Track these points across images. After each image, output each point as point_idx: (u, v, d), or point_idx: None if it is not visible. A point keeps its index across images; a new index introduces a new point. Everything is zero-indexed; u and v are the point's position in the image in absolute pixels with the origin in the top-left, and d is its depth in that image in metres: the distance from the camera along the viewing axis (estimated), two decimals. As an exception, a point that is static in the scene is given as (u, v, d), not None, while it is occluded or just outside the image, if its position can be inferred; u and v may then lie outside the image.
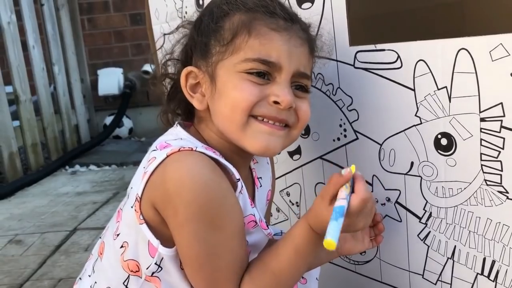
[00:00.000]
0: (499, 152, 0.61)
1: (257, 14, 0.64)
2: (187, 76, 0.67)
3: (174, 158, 0.60)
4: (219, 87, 0.64)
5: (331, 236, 0.54)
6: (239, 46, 0.63)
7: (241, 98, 0.62)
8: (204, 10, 0.71)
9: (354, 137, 0.79)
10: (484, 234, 0.65)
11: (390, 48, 0.69)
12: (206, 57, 0.66)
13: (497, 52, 0.58)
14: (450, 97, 0.64)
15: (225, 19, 0.65)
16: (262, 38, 0.63)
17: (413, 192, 0.73)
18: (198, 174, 0.58)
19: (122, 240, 0.66)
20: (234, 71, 0.63)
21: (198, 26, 0.68)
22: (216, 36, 0.65)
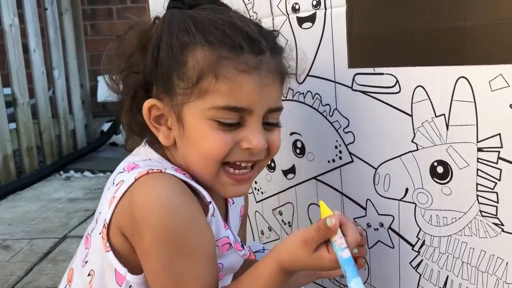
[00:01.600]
0: (495, 183, 0.60)
1: (223, 51, 0.57)
2: (150, 109, 0.62)
3: (142, 181, 0.57)
4: (188, 132, 0.60)
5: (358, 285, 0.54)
6: (206, 90, 0.58)
7: (213, 150, 0.59)
8: (160, 30, 0.61)
9: (349, 160, 0.78)
10: (477, 266, 0.64)
11: (389, 72, 0.69)
12: (169, 93, 0.61)
13: (496, 83, 0.57)
14: (448, 125, 0.63)
15: (186, 53, 0.59)
16: (230, 82, 0.57)
17: (406, 218, 0.71)
18: (166, 198, 0.56)
19: (89, 268, 0.63)
20: (202, 117, 0.59)
21: (156, 52, 0.60)
22: (178, 73, 0.59)
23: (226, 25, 0.59)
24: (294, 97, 0.85)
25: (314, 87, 0.81)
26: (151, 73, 0.62)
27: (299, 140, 0.87)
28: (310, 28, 0.78)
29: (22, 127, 2.64)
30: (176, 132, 0.62)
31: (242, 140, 0.60)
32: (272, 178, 0.96)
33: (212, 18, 0.60)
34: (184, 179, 0.60)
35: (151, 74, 0.62)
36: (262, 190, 0.99)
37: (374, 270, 0.79)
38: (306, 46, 0.80)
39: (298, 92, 0.84)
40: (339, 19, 0.73)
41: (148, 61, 0.61)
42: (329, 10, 0.75)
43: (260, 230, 1.02)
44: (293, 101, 0.86)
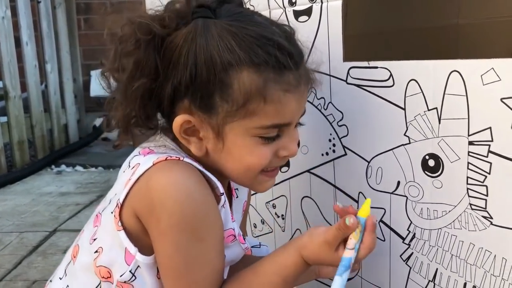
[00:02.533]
0: (485, 176, 0.61)
1: (269, 73, 0.58)
2: (182, 123, 0.61)
3: (160, 166, 0.59)
4: (229, 147, 0.62)
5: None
6: (253, 111, 0.59)
7: (258, 163, 0.63)
8: (197, 44, 0.58)
9: (343, 153, 0.79)
10: (466, 259, 0.65)
11: (383, 66, 0.69)
12: (208, 112, 0.59)
13: (488, 77, 0.58)
14: (440, 118, 0.64)
15: (231, 74, 0.57)
16: (277, 103, 0.59)
17: (398, 212, 0.72)
18: (184, 184, 0.58)
19: (98, 245, 0.64)
20: (246, 134, 0.61)
21: (193, 69, 0.57)
22: (222, 94, 0.58)
23: (267, 43, 0.59)
24: (289, 90, 0.86)
25: (308, 80, 0.81)
26: (184, 89, 0.59)
27: (292, 134, 0.87)
28: (306, 21, 0.79)
29: (14, 120, 2.62)
30: (212, 146, 0.62)
31: (281, 149, 0.64)
32: (265, 172, 0.96)
33: (251, 34, 0.58)
34: (200, 169, 0.61)
35: (184, 90, 0.59)
36: (255, 183, 1.00)
37: (365, 263, 0.80)
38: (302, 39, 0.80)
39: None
40: (335, 13, 0.74)
41: (179, 76, 0.58)
42: (325, 4, 0.75)
43: (253, 223, 1.02)
44: (287, 95, 0.86)
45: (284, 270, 0.63)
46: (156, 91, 0.61)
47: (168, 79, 0.60)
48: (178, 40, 0.59)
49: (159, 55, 0.59)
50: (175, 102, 0.62)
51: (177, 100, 0.61)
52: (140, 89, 0.60)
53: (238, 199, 0.78)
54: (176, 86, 0.59)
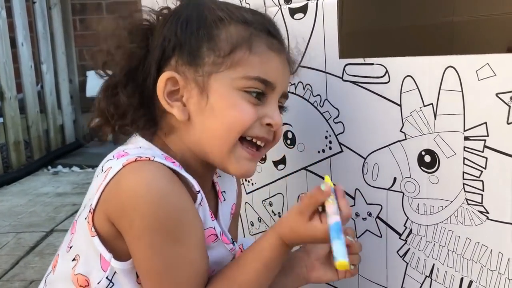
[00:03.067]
0: (481, 171, 0.61)
1: (255, 31, 0.62)
2: (167, 82, 0.61)
3: (129, 168, 0.57)
4: (212, 101, 0.61)
5: (341, 257, 0.54)
6: (238, 61, 0.60)
7: (240, 119, 0.61)
8: (189, 8, 0.64)
9: (339, 150, 0.79)
10: (462, 254, 0.65)
11: (378, 62, 0.70)
12: (195, 64, 0.61)
13: (483, 72, 0.58)
14: (436, 114, 0.64)
15: (220, 27, 0.61)
16: (261, 56, 0.61)
17: (394, 208, 0.72)
18: (155, 185, 0.56)
19: (74, 253, 0.63)
20: (231, 87, 0.61)
21: (184, 25, 0.61)
22: (210, 44, 0.61)
23: (257, 12, 0.66)
24: (285, 88, 0.86)
25: (305, 77, 0.82)
26: (173, 46, 0.61)
27: (289, 131, 0.87)
28: (302, 18, 0.79)
29: (10, 121, 2.61)
30: (195, 106, 0.62)
31: (265, 116, 0.63)
32: (263, 169, 0.96)
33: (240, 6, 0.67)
34: (172, 167, 0.59)
35: (172, 47, 0.62)
36: (253, 181, 1.00)
37: (362, 259, 0.79)
38: (298, 37, 0.80)
39: (290, 82, 0.84)
40: (330, 10, 0.74)
41: (169, 34, 0.62)
42: (320, 1, 0.75)
43: (250, 221, 1.02)
44: (284, 92, 0.86)
45: (262, 253, 0.62)
46: (142, 61, 0.62)
47: (157, 43, 0.62)
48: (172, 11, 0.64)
49: (150, 24, 0.64)
50: (161, 68, 0.62)
51: (164, 64, 0.62)
52: (126, 56, 0.62)
53: (225, 202, 0.76)
54: (165, 46, 0.62)
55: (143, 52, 0.63)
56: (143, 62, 0.63)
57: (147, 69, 0.62)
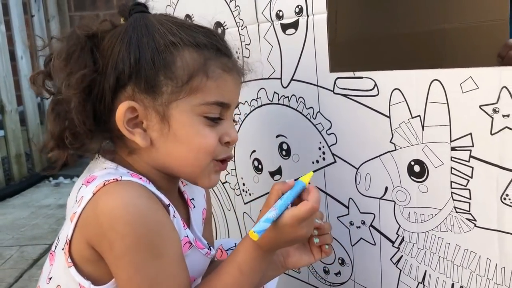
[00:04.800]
0: (468, 180, 0.63)
1: (209, 54, 0.63)
2: (126, 112, 0.61)
3: (102, 192, 0.57)
4: (175, 129, 0.62)
5: (256, 227, 0.58)
6: (196, 87, 0.61)
7: (206, 146, 0.63)
8: (137, 30, 0.61)
9: (332, 160, 0.81)
10: (453, 260, 0.67)
11: (367, 76, 0.72)
12: (153, 93, 0.61)
13: (467, 85, 0.61)
14: (423, 125, 0.66)
15: (174, 54, 0.61)
16: (217, 80, 0.62)
17: (387, 216, 0.74)
18: (132, 203, 0.57)
19: (55, 284, 0.64)
20: (192, 113, 0.62)
21: (135, 51, 0.60)
22: (166, 73, 0.60)
23: (206, 31, 0.65)
24: (280, 100, 0.88)
25: (298, 91, 0.84)
26: (128, 75, 0.60)
27: (285, 142, 0.89)
28: (293, 34, 0.81)
29: (11, 134, 2.63)
30: (157, 133, 0.62)
31: (223, 135, 0.65)
32: (260, 180, 0.98)
33: (188, 23, 0.65)
34: (142, 184, 0.60)
35: (127, 75, 0.60)
36: (250, 191, 1.02)
37: (357, 266, 0.82)
38: (289, 52, 0.83)
39: (283, 96, 0.87)
40: (320, 26, 0.76)
41: (122, 61, 0.60)
42: (311, 17, 0.78)
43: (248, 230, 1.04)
44: (278, 105, 0.88)
45: (236, 257, 0.63)
46: (95, 86, 0.61)
47: (110, 69, 0.61)
48: (118, 32, 0.62)
49: (97, 49, 0.62)
50: (116, 94, 0.62)
51: (119, 90, 0.61)
52: (80, 81, 0.59)
53: (195, 208, 0.77)
54: (119, 73, 0.61)
55: (94, 75, 0.61)
56: (95, 85, 0.61)
57: (101, 94, 0.62)
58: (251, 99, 0.94)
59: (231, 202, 1.08)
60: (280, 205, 0.61)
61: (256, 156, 0.97)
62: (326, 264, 0.87)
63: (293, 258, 0.73)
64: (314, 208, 0.62)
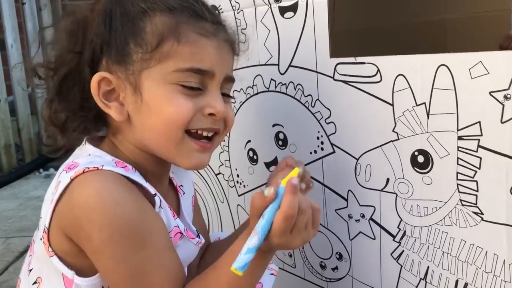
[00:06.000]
0: (475, 172, 0.60)
1: (182, 17, 0.58)
2: (100, 83, 0.59)
3: (79, 181, 0.54)
4: (147, 99, 0.58)
5: (236, 262, 0.49)
6: (167, 53, 0.57)
7: (177, 115, 0.58)
8: (112, 2, 0.60)
9: (331, 151, 0.78)
10: (457, 256, 0.64)
11: (370, 61, 0.68)
12: (124, 62, 0.58)
13: (476, 70, 0.57)
14: (429, 113, 0.63)
15: (144, 20, 0.58)
16: (192, 46, 0.58)
17: (387, 209, 0.71)
18: (109, 194, 0.53)
19: (35, 276, 0.60)
20: (164, 82, 0.57)
21: (108, 21, 0.58)
22: (136, 40, 0.57)
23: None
24: (277, 88, 0.84)
25: (296, 77, 0.80)
26: (100, 46, 0.59)
27: (281, 132, 0.86)
28: (292, 17, 0.77)
29: (0, 124, 2.58)
30: (132, 106, 0.59)
31: (205, 106, 0.60)
32: (255, 171, 0.95)
33: None
34: (124, 174, 0.57)
35: (100, 47, 0.59)
36: (245, 183, 0.98)
37: (356, 261, 0.79)
38: (288, 36, 0.79)
39: (281, 83, 0.83)
40: (321, 9, 0.73)
41: (95, 33, 0.58)
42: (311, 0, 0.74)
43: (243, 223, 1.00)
44: (275, 92, 0.85)
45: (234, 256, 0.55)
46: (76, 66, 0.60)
47: (87, 44, 0.59)
48: (96, 8, 0.60)
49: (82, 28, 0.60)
50: (95, 67, 0.60)
51: (97, 63, 0.60)
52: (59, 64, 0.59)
53: (185, 195, 0.74)
54: (94, 47, 0.59)
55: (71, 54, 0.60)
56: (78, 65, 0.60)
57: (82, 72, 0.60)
58: (246, 86, 0.90)
59: (224, 194, 1.04)
60: (262, 227, 0.51)
61: (251, 146, 0.94)
62: (323, 259, 0.84)
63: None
64: (287, 217, 0.51)
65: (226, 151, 1.00)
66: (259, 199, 0.53)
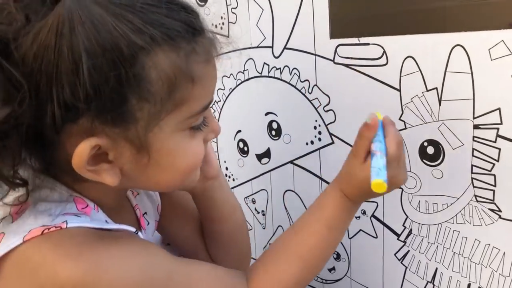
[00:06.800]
0: (493, 164, 0.54)
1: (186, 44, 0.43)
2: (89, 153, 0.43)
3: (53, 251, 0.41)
4: (158, 158, 0.46)
5: (378, 176, 0.47)
6: (181, 99, 0.44)
7: (196, 162, 0.49)
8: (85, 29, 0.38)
9: (330, 141, 0.71)
10: (470, 257, 0.58)
11: (375, 42, 0.62)
12: (123, 122, 0.42)
13: (497, 50, 0.51)
14: (441, 100, 0.57)
15: (144, 63, 0.40)
16: (203, 80, 0.45)
17: (392, 205, 0.65)
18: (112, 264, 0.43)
19: None
20: (177, 132, 0.46)
21: (91, 70, 0.38)
22: (139, 93, 0.41)
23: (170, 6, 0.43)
24: (270, 72, 0.77)
25: (291, 61, 0.73)
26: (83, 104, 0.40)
27: (275, 121, 0.79)
28: (288, -6, 0.70)
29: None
30: (129, 165, 0.45)
31: (208, 134, 0.52)
32: (245, 164, 0.88)
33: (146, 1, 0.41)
34: (95, 226, 0.46)
35: (80, 106, 0.40)
36: (234, 176, 0.92)
37: (355, 262, 0.73)
38: (283, 15, 0.72)
39: (275, 67, 0.76)
40: (320, -16, 0.66)
41: (68, 86, 0.39)
42: (309, -26, 0.67)
43: (231, 220, 0.94)
44: (268, 78, 0.78)
45: (324, 212, 0.55)
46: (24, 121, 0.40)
47: (44, 97, 0.40)
48: (47, 37, 0.38)
49: (15, 66, 0.39)
50: (62, 128, 0.42)
51: (66, 124, 0.42)
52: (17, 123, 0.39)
53: (148, 226, 0.63)
54: (66, 104, 0.40)
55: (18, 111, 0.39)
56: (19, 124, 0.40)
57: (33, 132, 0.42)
58: (237, 71, 0.83)
59: (212, 188, 0.97)
60: (380, 148, 0.51)
61: (242, 136, 0.87)
62: (319, 259, 0.78)
63: None
64: (399, 142, 0.52)
65: (214, 142, 0.94)
66: (365, 128, 0.52)
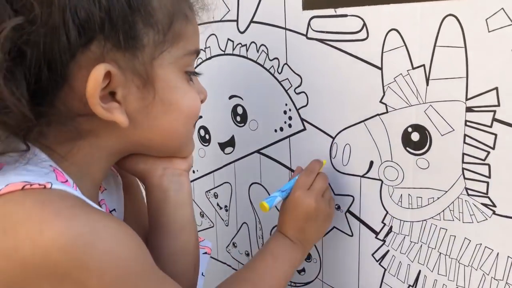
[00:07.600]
0: (487, 152, 0.47)
1: None
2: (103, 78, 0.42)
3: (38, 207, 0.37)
4: (162, 94, 0.45)
5: (266, 199, 0.56)
6: (179, 33, 0.46)
7: (196, 108, 0.50)
8: None
9: (301, 128, 0.63)
10: (458, 258, 0.51)
11: (354, 13, 0.54)
12: (133, 48, 0.43)
13: (496, 20, 0.44)
14: (428, 79, 0.50)
15: None
16: (193, 23, 0.49)
17: (370, 199, 0.58)
18: (102, 227, 0.39)
19: None
20: (176, 69, 0.46)
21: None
22: (145, 18, 0.43)
23: None
24: (235, 50, 0.69)
25: (259, 36, 0.65)
26: (97, 24, 0.40)
27: (240, 105, 0.71)
28: (255, -41, 0.62)
29: None
30: (135, 104, 0.44)
31: (198, 92, 0.51)
32: (206, 153, 0.79)
33: None
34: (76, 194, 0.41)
35: (94, 26, 0.40)
36: (194, 168, 0.83)
37: (327, 263, 0.65)
38: (249, -17, 0.63)
39: (240, 44, 0.68)
40: None
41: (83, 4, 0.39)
42: None
43: (191, 216, 0.85)
44: (233, 56, 0.69)
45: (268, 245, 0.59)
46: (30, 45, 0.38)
47: (58, 18, 0.39)
48: None
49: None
50: (74, 56, 0.40)
51: (78, 52, 0.40)
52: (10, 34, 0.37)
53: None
54: (81, 24, 0.40)
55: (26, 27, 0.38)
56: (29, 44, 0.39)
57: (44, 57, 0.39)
58: (198, 49, 0.74)
59: (170, 181, 0.88)
60: (288, 184, 0.58)
61: (203, 123, 0.78)
62: (287, 259, 0.70)
63: None
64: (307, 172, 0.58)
65: (173, 130, 0.84)
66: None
